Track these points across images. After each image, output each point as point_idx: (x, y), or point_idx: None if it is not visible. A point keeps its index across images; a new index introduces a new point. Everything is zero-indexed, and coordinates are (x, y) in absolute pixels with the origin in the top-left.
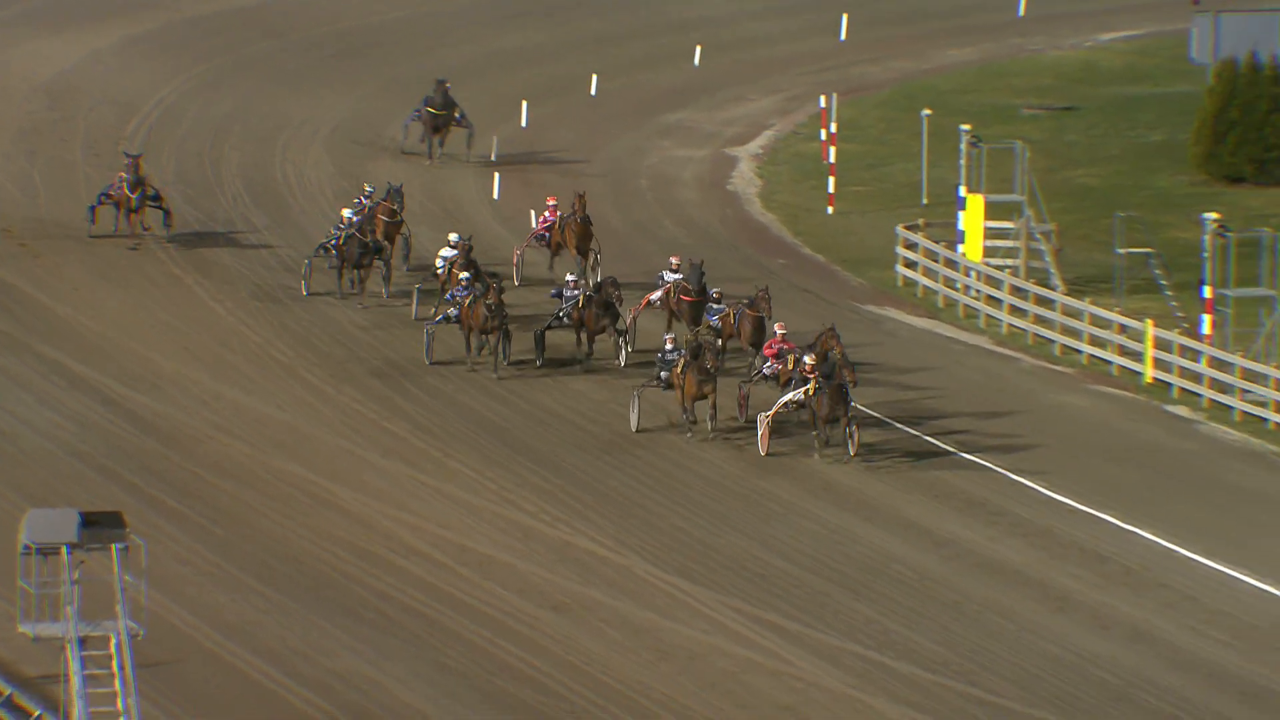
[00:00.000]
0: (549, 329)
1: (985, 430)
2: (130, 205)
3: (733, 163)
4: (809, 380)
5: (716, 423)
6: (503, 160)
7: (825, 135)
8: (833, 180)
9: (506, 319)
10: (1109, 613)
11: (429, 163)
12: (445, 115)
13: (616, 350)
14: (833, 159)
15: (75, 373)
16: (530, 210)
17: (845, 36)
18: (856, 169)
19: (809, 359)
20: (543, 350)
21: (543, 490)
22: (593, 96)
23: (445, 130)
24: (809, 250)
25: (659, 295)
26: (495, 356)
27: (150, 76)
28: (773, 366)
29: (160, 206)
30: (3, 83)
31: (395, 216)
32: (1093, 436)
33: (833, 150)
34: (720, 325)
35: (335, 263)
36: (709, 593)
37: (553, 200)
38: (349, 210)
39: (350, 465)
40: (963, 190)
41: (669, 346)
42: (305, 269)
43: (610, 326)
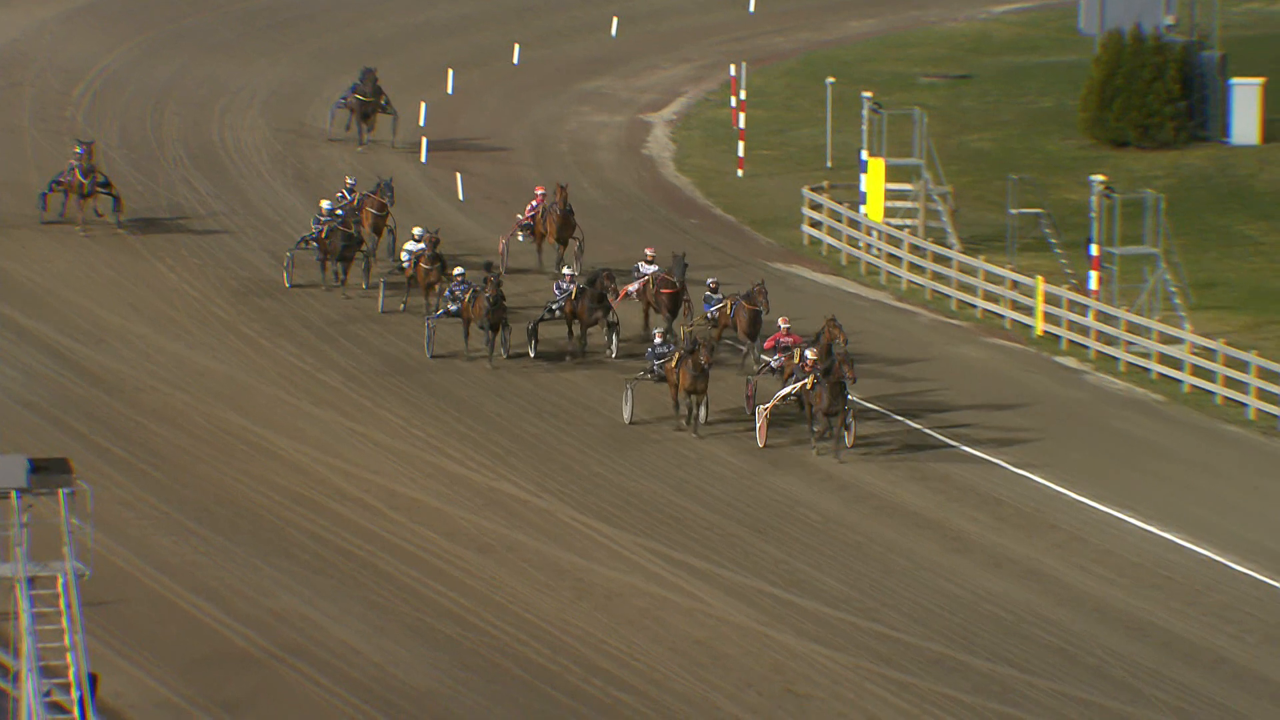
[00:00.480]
0: (542, 321)
1: (885, 381)
2: (82, 191)
3: (648, 128)
4: (808, 375)
5: (708, 415)
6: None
7: (735, 102)
8: (742, 145)
9: (506, 312)
10: (1002, 552)
11: (360, 149)
12: (373, 103)
13: (609, 342)
14: (742, 125)
15: (24, 327)
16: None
17: (754, 9)
18: (764, 134)
19: (810, 353)
20: (536, 342)
21: (468, 438)
22: (515, 65)
23: (374, 117)
24: (720, 211)
25: (636, 287)
26: (493, 349)
27: (94, 46)
28: (778, 360)
29: (110, 193)
30: None
31: (384, 210)
32: (987, 386)
33: (742, 116)
34: (717, 317)
35: (319, 255)
36: (626, 535)
37: (541, 190)
38: (327, 203)
39: (285, 414)
40: (864, 154)
41: (658, 340)
42: (287, 261)
43: (603, 319)
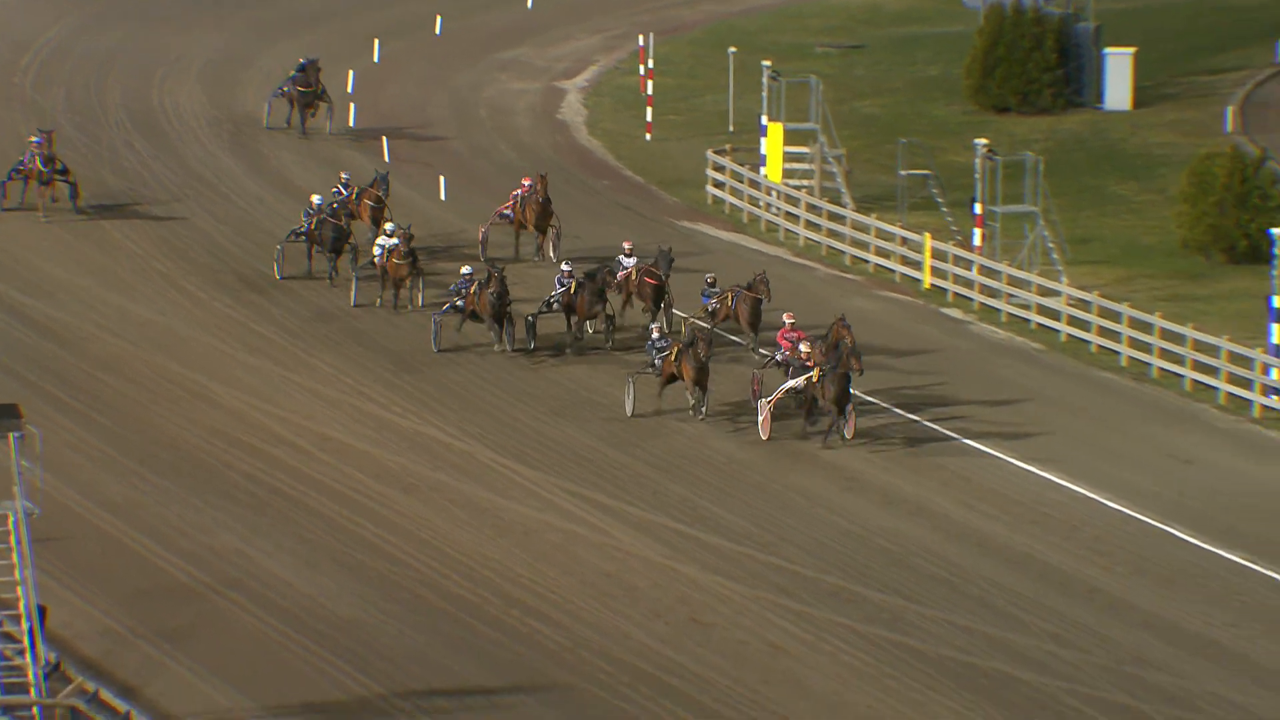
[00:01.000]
0: (540, 314)
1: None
2: (42, 178)
3: (562, 95)
4: (809, 369)
5: (708, 406)
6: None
7: (643, 70)
8: (650, 110)
9: (510, 305)
10: (893, 491)
11: (301, 136)
12: (313, 93)
13: (606, 335)
14: (650, 91)
15: None
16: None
17: None
18: (671, 100)
19: (805, 346)
20: (534, 335)
21: (394, 385)
22: (437, 36)
23: (313, 107)
24: (629, 172)
25: (619, 279)
26: (499, 341)
27: (42, 17)
28: (785, 353)
29: (68, 180)
30: None
31: (380, 202)
32: (879, 335)
33: (650, 84)
34: (717, 308)
35: (316, 248)
36: (542, 475)
37: (528, 180)
38: (318, 197)
39: (223, 363)
40: (764, 119)
41: (655, 335)
42: (278, 254)
43: (602, 313)
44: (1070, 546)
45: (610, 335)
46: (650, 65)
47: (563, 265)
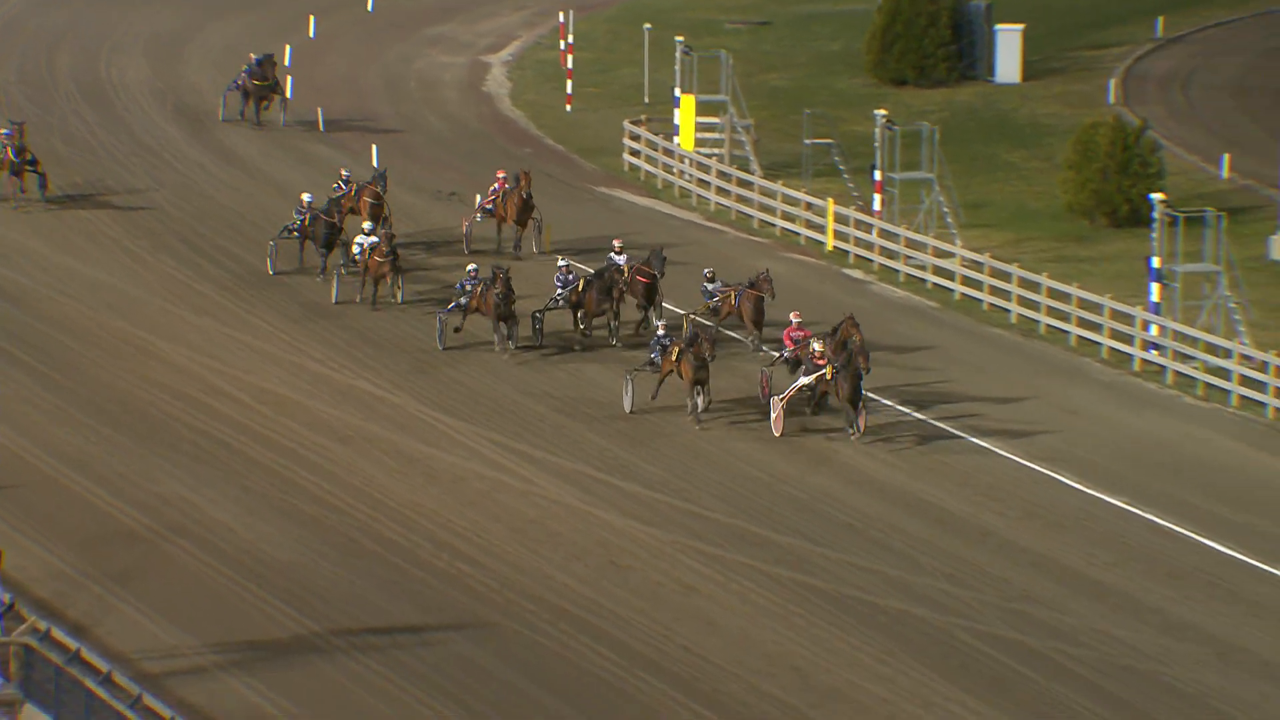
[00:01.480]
0: (547, 310)
1: (695, 291)
2: (13, 169)
3: (487, 68)
4: (820, 367)
5: (704, 403)
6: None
7: (564, 45)
8: (570, 83)
9: (514, 305)
10: (798, 441)
11: (256, 128)
12: (269, 86)
13: (611, 332)
14: (570, 65)
15: None
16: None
17: None
18: (590, 73)
19: (817, 345)
20: (541, 333)
21: (329, 342)
22: (369, 12)
23: (267, 99)
24: (551, 141)
25: (594, 274)
26: (503, 340)
27: None
28: (793, 351)
29: (37, 171)
30: None
31: (379, 198)
32: (784, 295)
33: (570, 58)
34: (720, 305)
35: (315, 246)
36: (469, 427)
37: (502, 174)
38: (308, 195)
39: (168, 321)
40: (678, 91)
41: (661, 332)
42: (270, 249)
43: (610, 310)
44: (965, 493)
45: (617, 333)
46: (570, 41)
47: (559, 261)
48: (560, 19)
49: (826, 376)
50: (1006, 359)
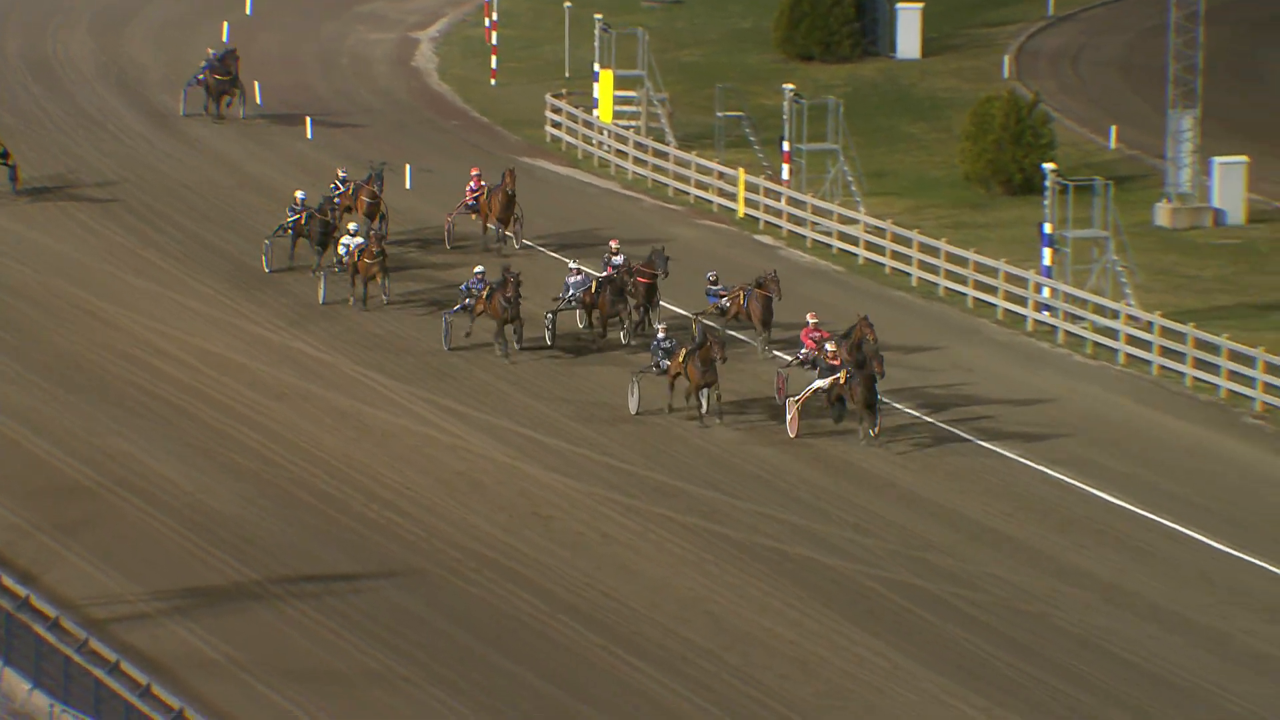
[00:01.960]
0: (559, 311)
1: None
2: None
3: (415, 44)
4: (833, 368)
5: (710, 405)
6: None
7: (488, 22)
8: (495, 58)
9: (521, 308)
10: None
11: (217, 122)
12: (228, 80)
13: (626, 334)
14: (495, 42)
15: None
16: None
17: None
18: (514, 49)
19: (830, 346)
20: (554, 333)
21: (266, 304)
22: None
23: (229, 94)
24: (476, 113)
25: (606, 276)
26: (510, 342)
27: None
28: (809, 352)
29: (7, 164)
30: None
31: (375, 197)
32: (697, 260)
33: (495, 35)
34: (727, 306)
35: (310, 244)
36: (400, 385)
37: (476, 170)
38: (301, 193)
39: (114, 285)
40: (597, 67)
41: (661, 335)
42: (265, 248)
43: (623, 311)
44: (868, 448)
45: (629, 334)
46: (495, 18)
47: (571, 264)
48: None
49: (840, 380)
50: (907, 320)
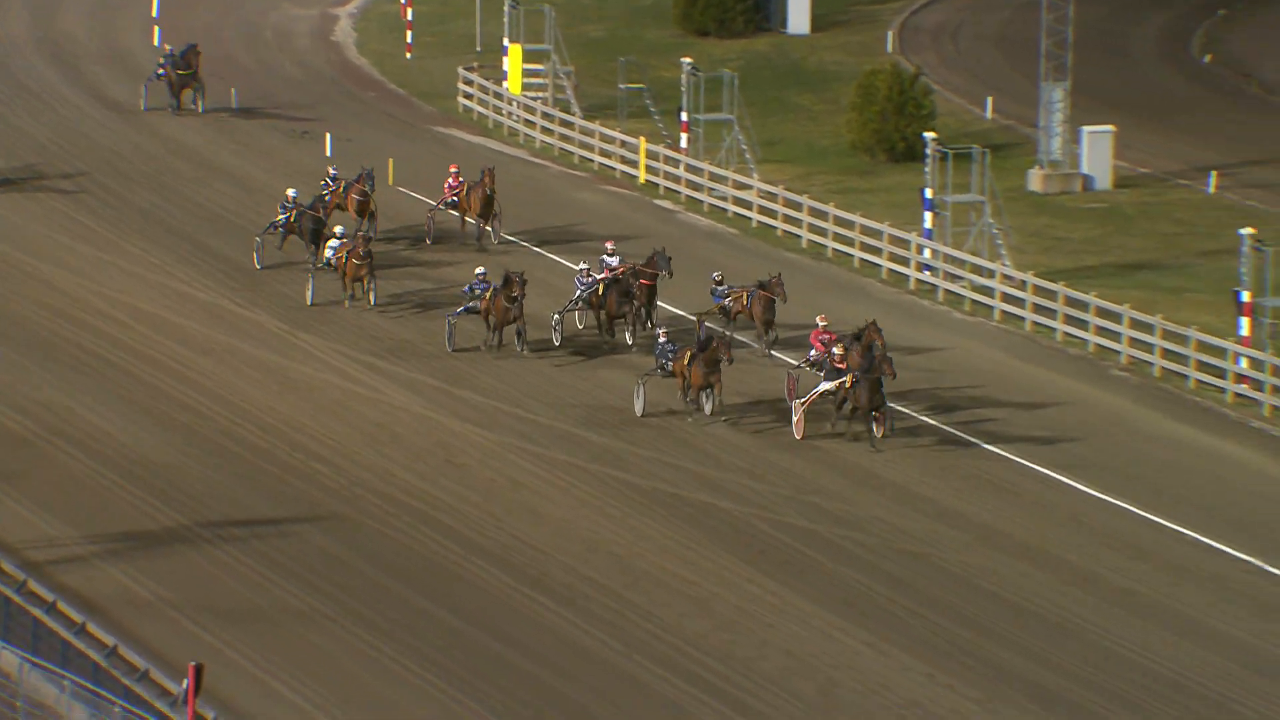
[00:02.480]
0: (567, 311)
1: (521, 221)
2: None
3: (335, 20)
4: (839, 372)
5: (720, 407)
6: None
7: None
8: (410, 33)
9: (523, 310)
10: (624, 357)
11: (177, 115)
12: (189, 75)
13: (632, 334)
14: (410, 17)
15: None
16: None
17: None
18: (428, 24)
19: (837, 349)
20: (561, 334)
21: (195, 264)
22: None
23: (190, 88)
24: (393, 85)
25: (603, 278)
26: (516, 342)
27: None
28: (818, 355)
29: None
30: None
31: (365, 195)
32: (601, 224)
33: (410, 11)
34: (731, 307)
35: (302, 241)
36: (322, 341)
37: (454, 168)
38: (293, 190)
39: (50, 247)
40: (506, 41)
41: (663, 339)
42: (257, 245)
43: (630, 312)
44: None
45: (635, 335)
46: None
47: (579, 265)
48: None
49: (847, 384)
50: (797, 279)
